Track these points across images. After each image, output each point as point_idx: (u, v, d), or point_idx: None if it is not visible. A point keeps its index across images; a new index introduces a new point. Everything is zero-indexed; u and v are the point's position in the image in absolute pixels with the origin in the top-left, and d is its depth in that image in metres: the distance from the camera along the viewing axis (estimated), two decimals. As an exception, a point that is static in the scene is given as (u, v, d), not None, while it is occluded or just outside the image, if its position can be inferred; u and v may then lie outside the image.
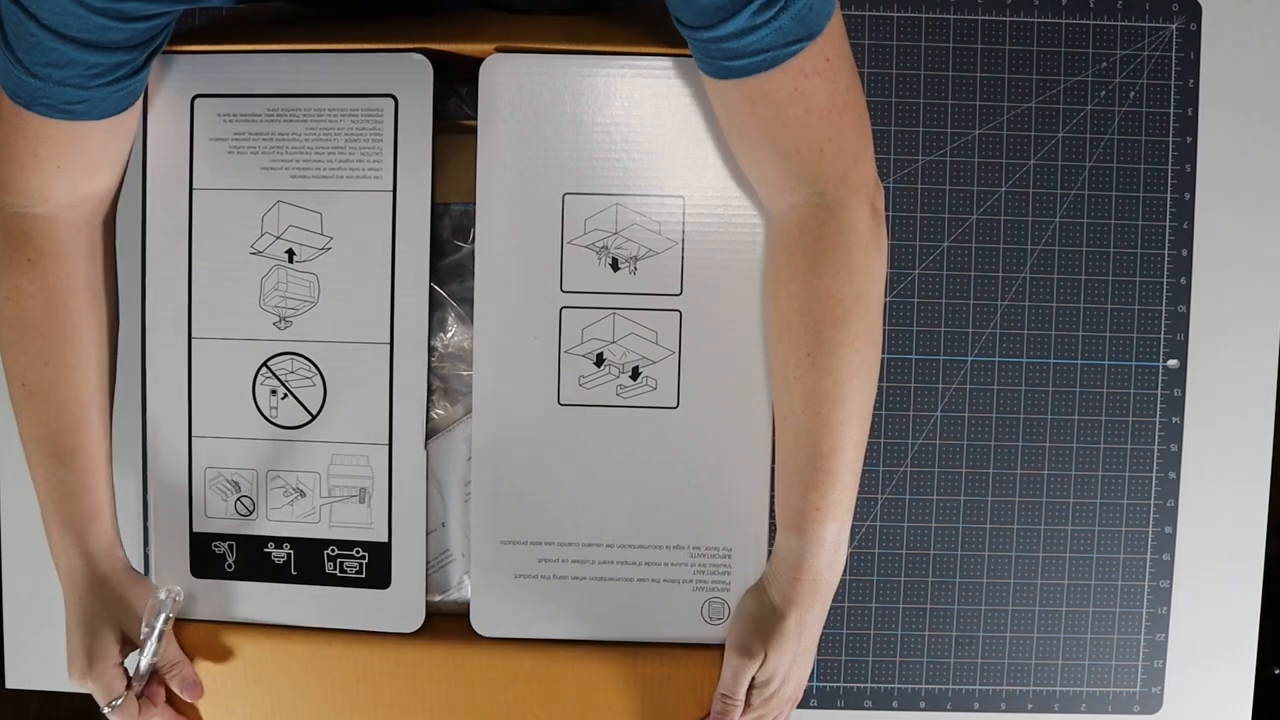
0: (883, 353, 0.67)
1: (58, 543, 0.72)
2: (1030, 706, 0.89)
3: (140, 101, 0.68)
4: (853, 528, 0.69)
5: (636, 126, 0.70)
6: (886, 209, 0.85)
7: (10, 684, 0.92)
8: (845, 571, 0.69)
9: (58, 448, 0.71)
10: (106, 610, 0.71)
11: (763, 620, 0.70)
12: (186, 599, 0.74)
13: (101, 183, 0.69)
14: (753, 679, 0.70)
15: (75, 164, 0.67)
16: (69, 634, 0.72)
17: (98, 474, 0.72)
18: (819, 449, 0.65)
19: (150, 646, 0.70)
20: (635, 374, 0.71)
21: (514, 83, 0.70)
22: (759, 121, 0.62)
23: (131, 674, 0.71)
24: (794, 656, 0.69)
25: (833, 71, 0.60)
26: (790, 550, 0.68)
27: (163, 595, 0.71)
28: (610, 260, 0.71)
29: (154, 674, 0.72)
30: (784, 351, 0.66)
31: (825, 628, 0.71)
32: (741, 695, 0.70)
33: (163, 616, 0.70)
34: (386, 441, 0.72)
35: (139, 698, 0.71)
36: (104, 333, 0.72)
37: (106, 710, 0.71)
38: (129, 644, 0.72)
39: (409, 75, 0.70)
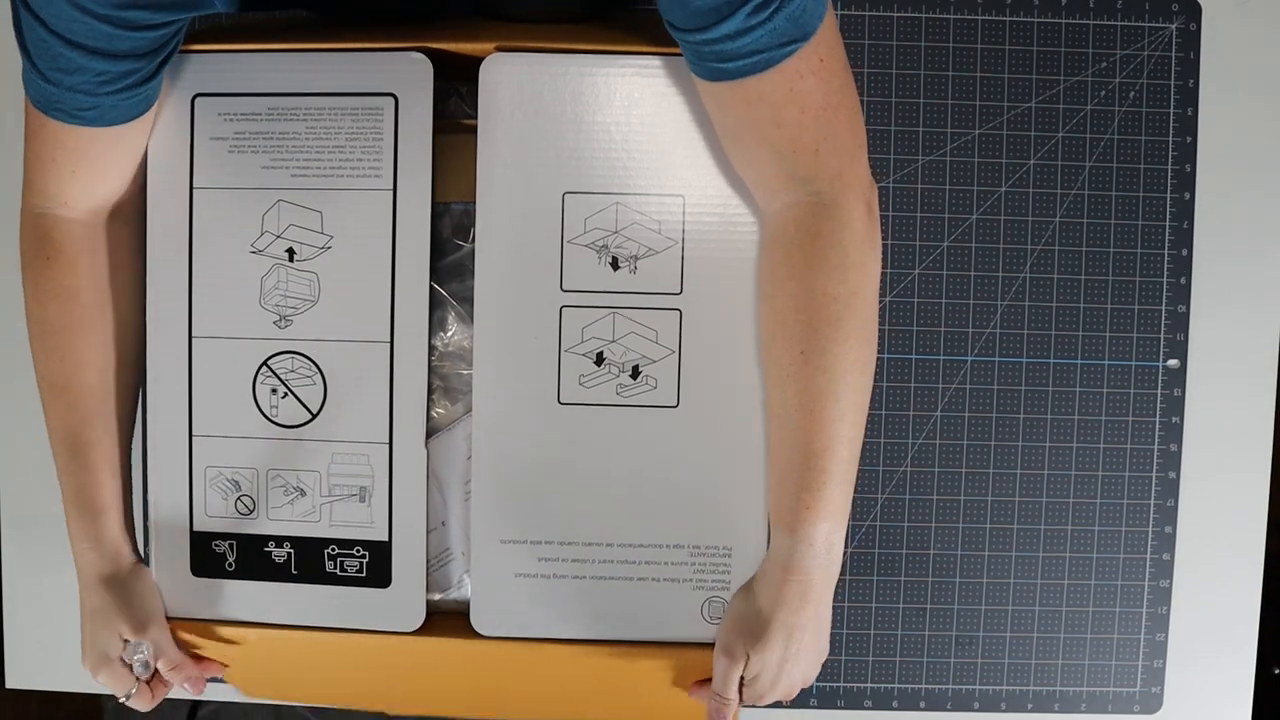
0: (882, 353, 0.67)
1: (74, 536, 0.73)
2: (1030, 706, 0.89)
3: (154, 109, 0.68)
4: (853, 528, 0.69)
5: (636, 126, 0.70)
6: (886, 209, 0.86)
7: (10, 684, 0.92)
8: (845, 571, 0.69)
9: (73, 442, 0.72)
10: (113, 607, 0.72)
11: (748, 622, 0.69)
12: (188, 598, 0.74)
13: (117, 187, 0.70)
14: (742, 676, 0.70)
15: (88, 169, 0.68)
16: (81, 627, 0.73)
17: (106, 471, 0.72)
18: (811, 447, 0.65)
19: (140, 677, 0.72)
20: (635, 373, 0.72)
21: (514, 82, 0.70)
22: (754, 123, 0.62)
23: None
24: (781, 660, 0.68)
25: (827, 71, 0.60)
26: (781, 551, 0.68)
27: (128, 652, 0.71)
28: (610, 259, 0.71)
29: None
30: (778, 350, 0.66)
31: (825, 627, 0.71)
32: (733, 694, 0.70)
33: (140, 665, 0.71)
34: (387, 440, 0.72)
35: (149, 683, 0.73)
36: (121, 332, 0.73)
37: (123, 700, 0.72)
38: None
39: (409, 74, 0.70)
